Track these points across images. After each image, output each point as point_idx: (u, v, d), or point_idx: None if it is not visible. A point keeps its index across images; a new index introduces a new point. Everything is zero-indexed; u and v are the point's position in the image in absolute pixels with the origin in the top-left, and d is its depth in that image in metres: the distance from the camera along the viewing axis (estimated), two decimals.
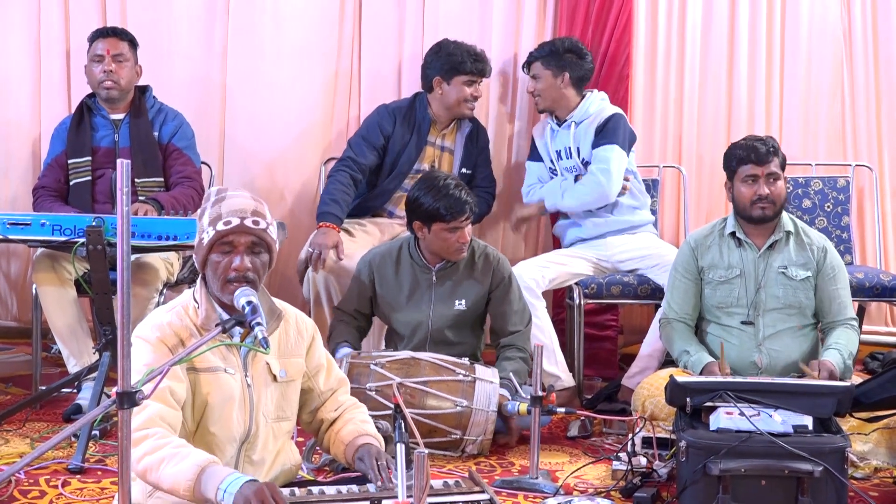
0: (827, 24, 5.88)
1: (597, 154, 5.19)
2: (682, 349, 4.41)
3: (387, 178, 5.36)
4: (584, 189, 5.20)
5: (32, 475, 3.89)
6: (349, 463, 3.17)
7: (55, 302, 4.69)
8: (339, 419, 3.29)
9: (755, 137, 4.47)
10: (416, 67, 5.73)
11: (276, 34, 5.77)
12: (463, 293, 4.63)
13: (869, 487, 3.89)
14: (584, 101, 5.32)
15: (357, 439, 3.16)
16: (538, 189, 5.41)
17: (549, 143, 5.38)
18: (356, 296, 4.72)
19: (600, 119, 5.25)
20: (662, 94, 5.86)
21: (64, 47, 5.72)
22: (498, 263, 4.67)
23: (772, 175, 4.35)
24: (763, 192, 4.35)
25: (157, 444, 2.83)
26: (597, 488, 3.90)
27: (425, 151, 5.36)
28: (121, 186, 2.44)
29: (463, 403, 4.24)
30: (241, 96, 5.77)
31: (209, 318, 3.03)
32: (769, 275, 4.39)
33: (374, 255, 4.73)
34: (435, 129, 5.38)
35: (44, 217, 4.23)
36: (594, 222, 5.29)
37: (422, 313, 4.61)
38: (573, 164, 5.30)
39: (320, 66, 5.80)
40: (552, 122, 5.38)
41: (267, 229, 3.05)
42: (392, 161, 5.33)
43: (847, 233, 5.56)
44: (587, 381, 5.27)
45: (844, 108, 5.93)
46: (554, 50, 5.31)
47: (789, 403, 3.63)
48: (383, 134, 5.32)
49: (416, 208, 4.51)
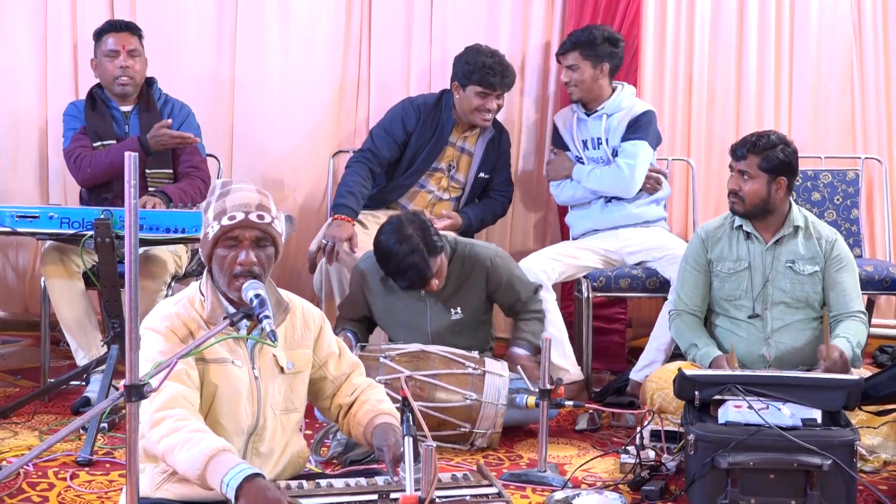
0: (837, 17, 5.85)
1: (625, 147, 5.20)
2: (691, 342, 4.40)
3: (404, 174, 5.34)
4: (607, 176, 5.21)
5: (41, 467, 3.90)
6: (368, 443, 3.16)
7: (63, 295, 4.70)
8: (355, 402, 3.27)
9: (761, 132, 4.44)
10: (424, 60, 5.74)
11: (284, 27, 5.76)
12: (458, 302, 4.59)
13: (878, 481, 3.88)
14: (617, 93, 5.31)
15: (374, 419, 3.14)
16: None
17: (576, 132, 5.36)
18: (352, 302, 4.70)
19: (633, 113, 5.24)
20: (671, 86, 5.84)
21: (71, 40, 5.72)
22: (491, 267, 4.58)
23: (744, 172, 4.33)
24: (730, 186, 4.36)
25: (175, 426, 2.83)
26: (605, 481, 3.90)
27: (445, 151, 5.33)
28: (128, 179, 2.44)
29: (472, 397, 4.23)
30: (250, 90, 5.77)
31: (215, 311, 3.03)
32: (776, 268, 4.37)
33: (365, 266, 4.65)
34: (457, 131, 5.34)
35: (52, 210, 4.24)
36: (609, 214, 5.28)
37: (419, 326, 4.58)
38: (601, 154, 5.28)
39: (329, 60, 5.79)
40: (580, 112, 5.35)
41: (272, 223, 3.04)
42: (411, 156, 5.31)
43: (856, 226, 5.55)
44: (595, 374, 5.27)
45: (854, 101, 5.90)
46: (592, 39, 5.25)
47: (798, 397, 3.63)
48: (406, 129, 5.29)
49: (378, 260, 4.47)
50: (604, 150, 5.27)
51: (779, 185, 4.34)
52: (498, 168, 5.44)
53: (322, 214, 5.74)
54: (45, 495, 3.64)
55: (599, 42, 5.23)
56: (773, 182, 4.32)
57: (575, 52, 5.26)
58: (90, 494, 3.67)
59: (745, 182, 4.33)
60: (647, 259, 5.16)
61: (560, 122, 5.44)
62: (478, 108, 5.21)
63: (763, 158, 4.31)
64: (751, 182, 4.33)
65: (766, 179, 4.32)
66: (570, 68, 5.27)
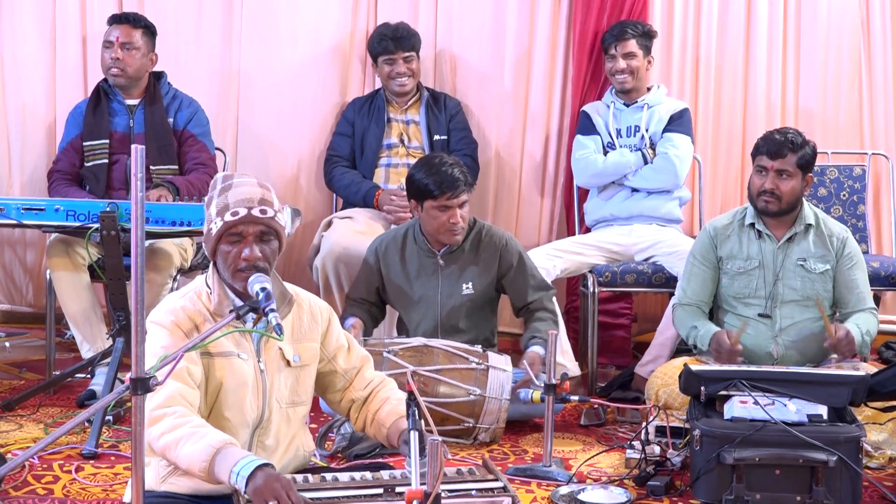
0: (845, 12, 5.83)
1: (673, 139, 5.27)
2: (691, 325, 4.40)
3: (362, 158, 5.50)
4: (655, 171, 5.26)
5: (46, 460, 3.90)
6: (393, 446, 3.16)
7: (69, 287, 4.70)
8: (371, 398, 3.26)
9: (783, 130, 4.40)
10: (430, 52, 5.73)
11: (290, 20, 5.76)
12: (469, 277, 4.60)
13: (883, 477, 3.88)
14: (655, 88, 5.42)
15: (398, 422, 3.13)
16: (598, 157, 5.36)
17: (611, 121, 5.38)
18: (364, 283, 4.70)
19: (675, 108, 5.35)
20: (678, 84, 5.82)
21: (80, 32, 5.71)
22: (505, 247, 4.63)
23: (783, 171, 4.30)
24: (767, 186, 4.31)
25: (176, 422, 2.84)
26: (610, 476, 3.90)
27: (391, 127, 5.50)
28: (135, 172, 2.44)
29: (476, 392, 4.23)
30: (256, 82, 5.77)
31: (222, 304, 3.03)
32: (787, 267, 4.36)
33: (380, 242, 4.72)
34: (396, 107, 5.53)
35: (58, 202, 4.24)
36: (631, 204, 5.31)
37: (430, 299, 4.60)
38: (635, 142, 5.33)
39: (335, 52, 5.78)
40: (618, 101, 5.39)
41: (275, 216, 3.03)
42: (360, 140, 5.51)
43: (863, 221, 5.53)
44: (600, 369, 5.27)
45: (862, 97, 5.88)
46: (647, 31, 5.39)
47: (804, 393, 3.63)
48: (348, 121, 5.57)
49: (411, 185, 4.55)
50: (641, 137, 5.31)
51: (807, 182, 4.36)
52: (453, 128, 5.56)
53: (327, 207, 5.74)
54: (50, 488, 3.65)
55: (651, 35, 5.40)
56: (804, 179, 4.33)
57: (634, 40, 5.35)
58: (95, 487, 3.67)
59: (784, 181, 4.30)
60: (654, 254, 5.16)
61: (592, 111, 5.46)
62: (389, 76, 5.45)
63: (800, 156, 4.31)
64: (789, 181, 4.30)
65: (800, 177, 4.32)
66: (628, 56, 5.35)
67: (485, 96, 5.82)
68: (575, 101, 5.71)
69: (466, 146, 5.54)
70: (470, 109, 5.76)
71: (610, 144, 5.37)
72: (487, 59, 5.84)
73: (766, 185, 4.31)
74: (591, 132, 5.42)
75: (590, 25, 5.65)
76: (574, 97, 5.71)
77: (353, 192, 5.40)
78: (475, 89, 5.82)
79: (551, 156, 5.81)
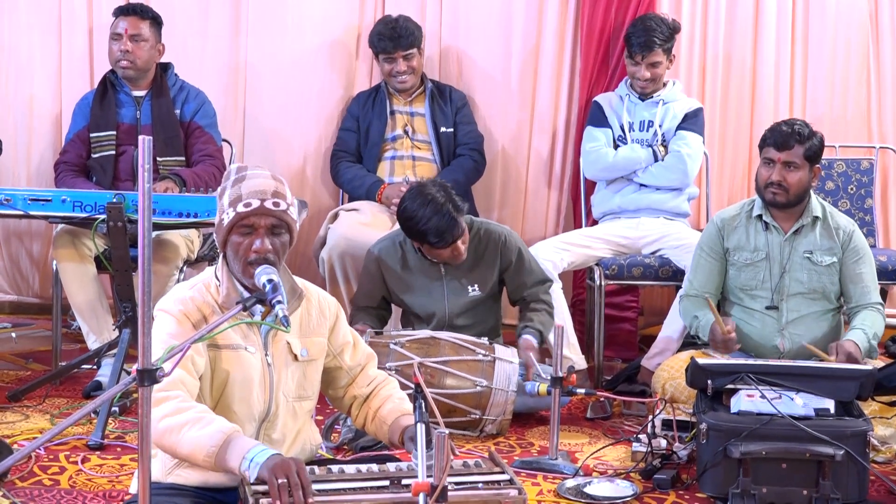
0: (854, 6, 5.82)
1: (686, 137, 5.26)
2: (693, 315, 4.40)
3: (367, 149, 5.50)
4: (665, 169, 5.26)
5: (52, 451, 3.91)
6: (394, 443, 3.15)
7: (75, 278, 4.70)
8: (373, 396, 3.26)
9: (790, 121, 4.40)
10: (436, 46, 5.72)
11: (298, 12, 5.76)
12: (475, 279, 4.61)
13: (890, 471, 3.87)
14: (671, 84, 5.40)
15: (400, 419, 3.13)
16: (608, 150, 5.34)
17: (624, 114, 5.36)
18: (368, 293, 4.69)
19: (689, 106, 5.34)
20: (685, 78, 5.79)
21: (86, 23, 5.71)
22: (504, 243, 4.63)
23: (790, 163, 4.28)
24: (774, 178, 4.30)
25: (180, 406, 2.82)
26: (616, 470, 3.90)
27: (395, 120, 5.51)
28: (142, 163, 2.43)
29: (483, 383, 4.23)
30: (263, 74, 5.77)
31: (230, 297, 3.02)
32: (794, 259, 4.35)
33: (379, 249, 4.68)
34: (399, 99, 5.52)
35: (65, 193, 4.25)
36: (639, 197, 5.29)
37: (436, 306, 4.60)
38: (647, 137, 5.32)
39: (342, 45, 5.78)
40: (632, 95, 5.37)
41: (287, 210, 3.02)
42: (365, 133, 5.51)
43: (870, 215, 5.52)
44: (607, 362, 5.26)
45: (870, 91, 5.87)
46: (670, 32, 5.32)
47: (811, 386, 3.62)
48: (353, 115, 5.58)
49: (406, 228, 4.50)
50: (654, 132, 5.30)
51: (815, 174, 4.34)
52: (459, 121, 5.55)
53: (333, 200, 5.74)
54: (57, 479, 3.65)
55: (673, 34, 5.35)
56: (811, 171, 4.32)
57: (659, 49, 5.29)
58: (101, 478, 3.68)
59: (791, 172, 4.29)
60: (662, 248, 5.15)
61: (604, 103, 5.43)
62: (389, 73, 5.46)
63: (807, 148, 4.29)
64: (796, 172, 4.29)
65: (808, 168, 4.31)
66: (654, 65, 5.30)
67: (492, 90, 5.81)
68: (582, 94, 5.70)
69: (473, 139, 5.54)
70: (476, 104, 5.75)
71: (621, 138, 5.36)
72: (494, 54, 5.82)
73: (774, 177, 4.30)
74: (603, 124, 5.40)
75: (597, 19, 5.65)
76: (582, 91, 5.71)
77: (357, 187, 5.41)
78: (482, 83, 5.81)
79: (558, 149, 5.80)
